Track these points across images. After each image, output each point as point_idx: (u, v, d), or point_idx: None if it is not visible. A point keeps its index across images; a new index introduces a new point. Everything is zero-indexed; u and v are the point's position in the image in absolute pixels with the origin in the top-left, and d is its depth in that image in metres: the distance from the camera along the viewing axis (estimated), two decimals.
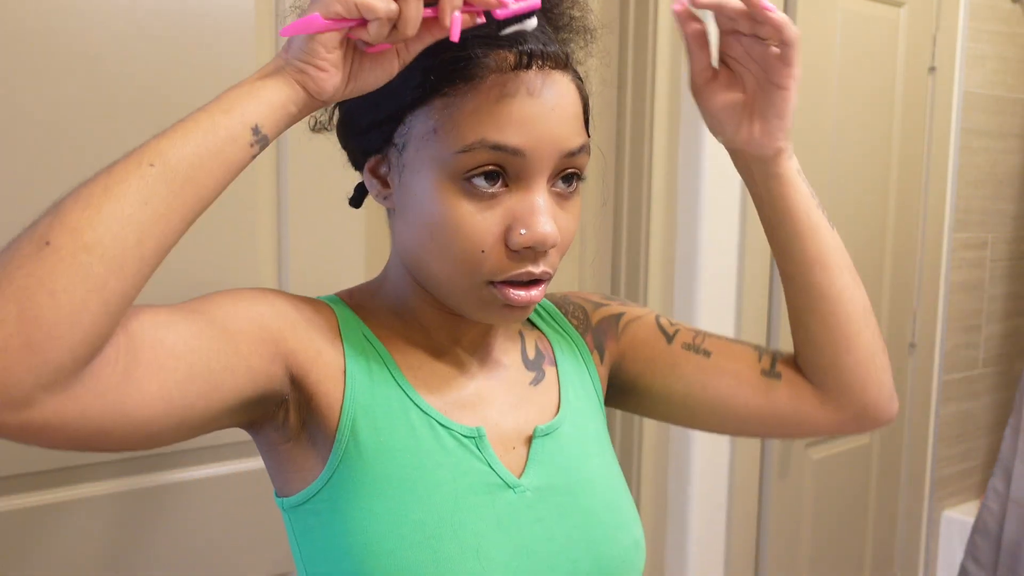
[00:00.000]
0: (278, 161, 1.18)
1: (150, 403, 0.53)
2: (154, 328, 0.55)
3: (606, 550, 0.72)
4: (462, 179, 0.63)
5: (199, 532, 1.17)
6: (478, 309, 0.68)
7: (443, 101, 0.63)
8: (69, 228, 0.47)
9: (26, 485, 1.06)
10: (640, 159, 1.62)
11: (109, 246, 0.48)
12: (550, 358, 0.80)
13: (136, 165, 0.51)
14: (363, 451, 0.66)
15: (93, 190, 0.49)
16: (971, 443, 2.40)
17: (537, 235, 0.63)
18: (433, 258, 0.66)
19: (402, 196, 0.68)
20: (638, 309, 0.86)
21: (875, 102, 1.96)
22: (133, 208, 0.49)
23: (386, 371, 0.70)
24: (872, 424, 0.81)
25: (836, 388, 0.79)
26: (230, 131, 0.54)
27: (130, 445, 0.55)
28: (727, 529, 1.79)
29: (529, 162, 0.63)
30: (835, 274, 0.75)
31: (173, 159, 0.52)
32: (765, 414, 0.81)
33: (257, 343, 0.62)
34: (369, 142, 0.69)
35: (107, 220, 0.48)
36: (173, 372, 0.55)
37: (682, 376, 0.81)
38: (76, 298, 0.46)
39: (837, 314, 0.76)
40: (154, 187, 0.51)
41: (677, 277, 1.67)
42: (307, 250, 1.20)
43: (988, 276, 2.33)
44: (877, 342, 0.79)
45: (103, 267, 0.48)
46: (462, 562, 0.65)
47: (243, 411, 0.63)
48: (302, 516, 0.69)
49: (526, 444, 0.73)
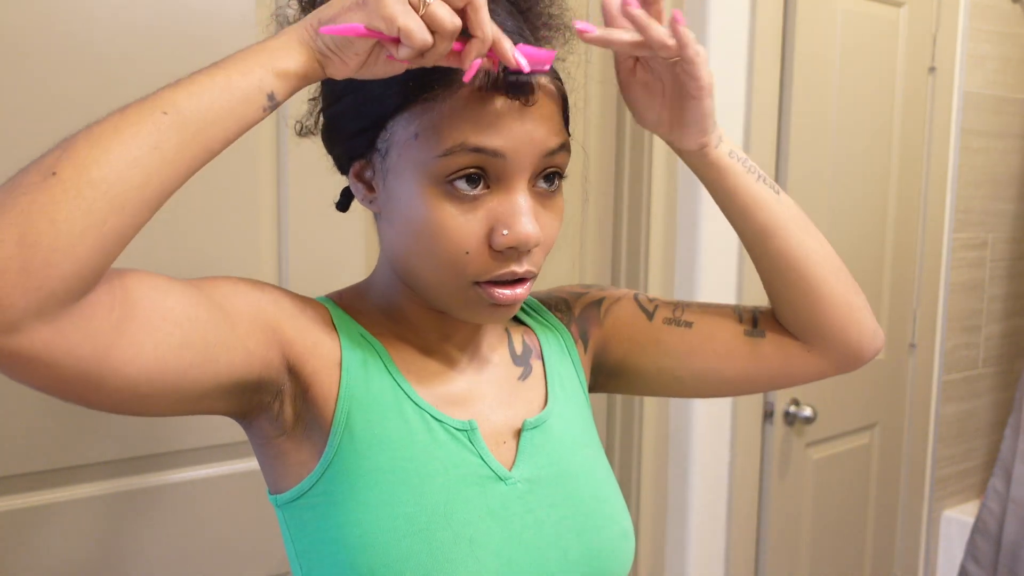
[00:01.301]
0: (278, 161, 1.18)
1: (142, 361, 0.54)
2: (153, 290, 0.56)
3: (595, 540, 0.73)
4: (444, 182, 0.64)
5: (199, 532, 1.17)
6: (465, 309, 0.69)
7: (423, 106, 0.64)
8: (76, 162, 0.49)
9: (26, 485, 1.06)
10: (640, 158, 1.62)
11: (113, 184, 0.49)
12: (537, 352, 0.81)
13: (150, 111, 0.52)
14: (357, 443, 0.67)
15: (104, 129, 0.51)
16: (971, 443, 2.40)
17: (520, 235, 0.64)
18: (419, 260, 0.67)
19: (387, 200, 0.69)
20: (618, 291, 0.87)
21: (875, 102, 1.96)
22: (141, 151, 0.51)
23: (380, 364, 0.71)
24: (860, 362, 0.83)
25: (818, 338, 0.80)
26: (246, 93, 0.55)
27: (120, 403, 0.55)
28: (727, 529, 1.79)
29: (510, 163, 0.64)
30: (791, 239, 0.77)
31: (187, 110, 0.53)
32: (755, 372, 0.82)
33: (254, 327, 0.63)
34: (353, 148, 0.70)
35: (114, 160, 0.50)
36: (168, 335, 0.55)
37: (668, 351, 0.82)
38: (75, 229, 0.48)
39: (803, 274, 0.78)
40: (165, 134, 0.52)
41: (677, 277, 1.67)
42: (307, 250, 1.20)
43: (988, 276, 2.34)
44: (849, 288, 0.80)
45: (105, 203, 0.49)
46: (455, 551, 0.66)
47: (238, 394, 0.63)
48: (297, 511, 0.69)
49: (515, 438, 0.74)
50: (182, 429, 1.15)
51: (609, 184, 1.67)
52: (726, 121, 1.66)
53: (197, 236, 1.12)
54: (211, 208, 1.13)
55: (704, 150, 0.75)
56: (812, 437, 1.94)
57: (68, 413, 1.07)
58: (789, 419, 1.87)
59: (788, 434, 1.89)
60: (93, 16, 1.02)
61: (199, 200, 1.12)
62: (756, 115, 1.69)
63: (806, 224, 0.79)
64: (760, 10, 1.66)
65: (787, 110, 1.76)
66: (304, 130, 0.77)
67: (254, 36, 1.13)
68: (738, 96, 1.67)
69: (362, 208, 0.80)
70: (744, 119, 1.69)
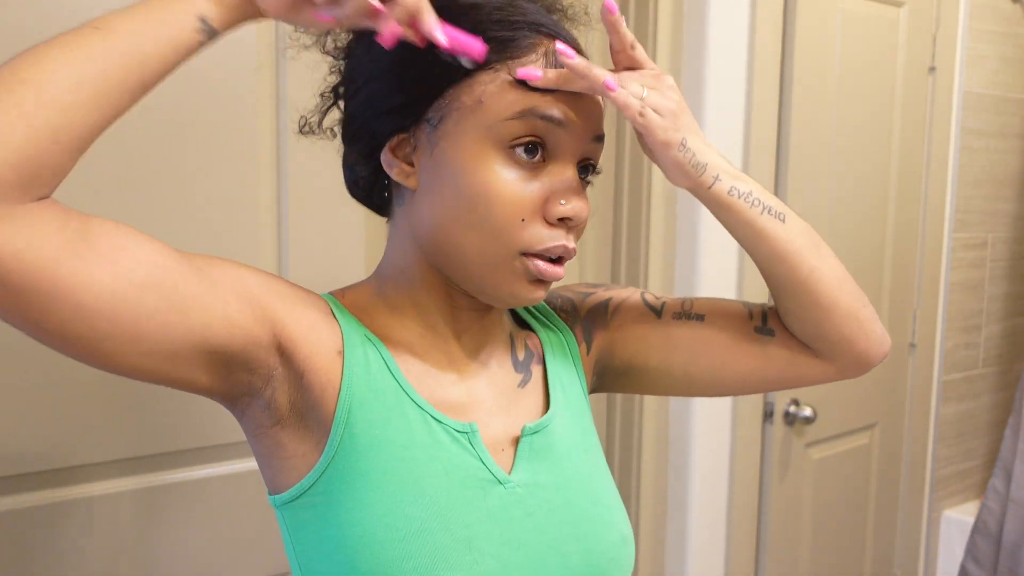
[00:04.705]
0: (278, 161, 1.18)
1: (98, 290, 0.54)
2: (117, 229, 0.57)
3: (595, 545, 0.73)
4: (506, 147, 0.66)
5: (199, 532, 1.17)
6: (504, 283, 0.69)
7: (490, 75, 0.66)
8: (12, 66, 0.53)
9: (26, 485, 1.06)
10: (640, 157, 1.62)
11: (43, 83, 0.53)
12: (539, 356, 0.81)
13: (82, 29, 0.56)
14: (358, 442, 0.67)
15: (42, 44, 0.55)
16: (971, 443, 2.40)
17: (578, 207, 0.68)
18: (467, 228, 0.67)
19: (433, 171, 0.69)
20: (624, 291, 0.87)
21: (875, 102, 1.96)
22: (73, 58, 0.54)
23: (382, 362, 0.70)
24: (867, 368, 0.83)
25: (826, 349, 0.81)
26: (177, 14, 0.58)
27: (78, 337, 0.55)
28: (727, 529, 1.79)
29: (568, 135, 0.68)
30: (798, 263, 0.77)
31: (119, 27, 0.56)
32: (764, 371, 0.82)
33: (238, 298, 0.63)
34: (394, 122, 0.70)
35: (46, 64, 0.54)
36: (130, 272, 0.56)
37: (679, 346, 0.82)
38: (5, 119, 0.51)
39: (810, 294, 0.78)
40: (97, 47, 0.55)
41: (677, 276, 1.67)
42: (307, 249, 1.20)
43: (988, 276, 2.34)
44: (856, 301, 0.80)
45: (35, 99, 0.52)
46: (454, 554, 0.66)
47: (219, 367, 0.62)
48: (296, 511, 0.69)
49: (513, 444, 0.74)
50: (182, 429, 1.15)
51: (609, 184, 1.67)
52: (726, 122, 1.66)
53: (197, 236, 1.12)
54: (211, 207, 1.13)
55: (696, 190, 0.74)
56: (812, 437, 1.94)
57: (69, 413, 1.07)
58: (789, 419, 1.88)
59: (788, 434, 1.89)
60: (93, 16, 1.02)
61: (199, 199, 1.12)
62: (756, 115, 1.69)
63: (815, 246, 0.78)
64: (760, 10, 1.66)
65: (787, 110, 1.76)
66: (308, 127, 0.76)
67: (255, 37, 1.14)
68: (738, 96, 1.67)
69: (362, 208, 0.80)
70: (744, 119, 1.69)
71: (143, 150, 1.08)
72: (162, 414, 1.13)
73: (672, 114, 0.70)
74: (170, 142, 1.09)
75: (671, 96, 0.70)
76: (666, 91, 0.70)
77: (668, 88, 0.70)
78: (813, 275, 0.77)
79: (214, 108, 1.12)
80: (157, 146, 1.08)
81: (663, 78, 0.71)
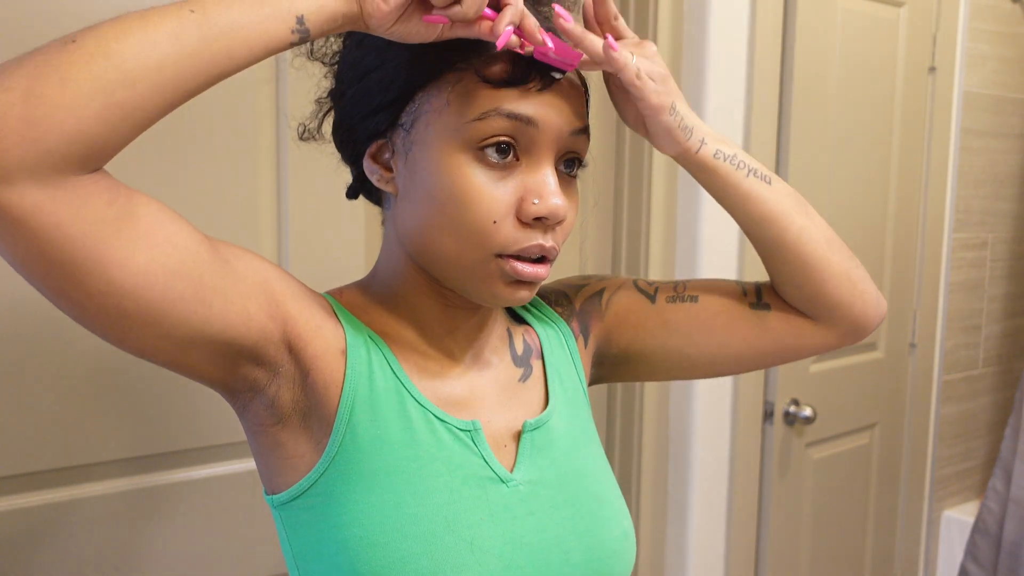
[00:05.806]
0: (278, 160, 1.18)
1: (131, 269, 0.54)
2: (161, 212, 0.56)
3: (597, 541, 0.73)
4: (475, 148, 0.65)
5: (199, 532, 1.17)
6: (483, 285, 0.68)
7: (456, 75, 0.65)
8: (97, 34, 0.51)
9: (26, 485, 1.06)
10: (640, 157, 1.62)
11: (128, 58, 0.51)
12: (537, 351, 0.81)
13: (177, 8, 0.54)
14: (359, 441, 0.67)
15: (131, 15, 0.53)
16: (971, 443, 2.40)
17: (551, 205, 0.65)
18: (442, 233, 0.67)
19: (408, 175, 0.68)
20: (617, 280, 0.87)
21: (875, 102, 1.96)
22: (161, 37, 0.52)
23: (383, 361, 0.70)
24: (867, 332, 0.84)
25: (823, 313, 0.81)
26: (276, 10, 0.56)
27: (100, 312, 0.55)
28: (727, 529, 1.79)
29: (540, 133, 0.66)
30: (785, 224, 0.78)
31: (214, 13, 0.54)
32: (763, 346, 0.83)
33: (258, 292, 0.63)
34: (373, 127, 0.70)
35: (133, 39, 0.51)
36: (164, 255, 0.55)
37: (675, 329, 0.83)
38: (82, 92, 0.49)
39: (803, 258, 0.78)
40: (188, 29, 0.53)
41: (677, 274, 1.67)
42: (307, 248, 1.20)
43: (988, 276, 2.34)
44: (847, 262, 0.81)
45: (117, 75, 0.50)
46: (456, 554, 0.66)
47: (229, 358, 0.62)
48: (295, 511, 0.69)
49: (515, 440, 0.74)
50: (181, 429, 1.15)
51: (609, 181, 1.67)
52: (726, 121, 1.66)
53: None
54: (211, 207, 1.13)
55: (684, 155, 0.75)
56: (812, 437, 1.94)
57: (69, 413, 1.07)
58: (789, 419, 1.87)
59: (788, 434, 1.89)
60: (94, 17, 1.02)
61: (199, 199, 1.12)
62: (756, 115, 1.69)
63: (801, 207, 0.79)
64: (760, 10, 1.66)
65: (787, 110, 1.76)
66: (307, 133, 0.77)
67: None
68: (738, 96, 1.67)
69: (363, 206, 0.80)
70: (744, 119, 1.69)
71: (143, 150, 1.08)
72: (161, 414, 1.13)
73: (662, 78, 0.71)
74: (170, 142, 1.09)
75: (659, 61, 0.71)
76: (653, 57, 0.71)
77: (653, 54, 0.71)
78: (803, 234, 0.78)
79: (214, 108, 1.12)
80: (157, 146, 1.08)
81: (646, 45, 0.72)
